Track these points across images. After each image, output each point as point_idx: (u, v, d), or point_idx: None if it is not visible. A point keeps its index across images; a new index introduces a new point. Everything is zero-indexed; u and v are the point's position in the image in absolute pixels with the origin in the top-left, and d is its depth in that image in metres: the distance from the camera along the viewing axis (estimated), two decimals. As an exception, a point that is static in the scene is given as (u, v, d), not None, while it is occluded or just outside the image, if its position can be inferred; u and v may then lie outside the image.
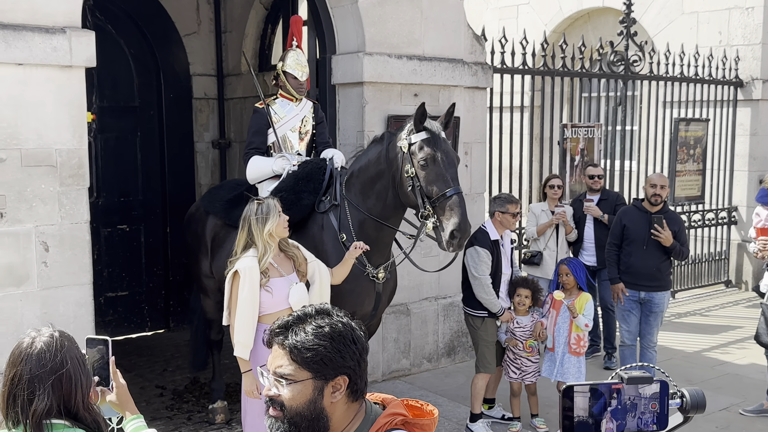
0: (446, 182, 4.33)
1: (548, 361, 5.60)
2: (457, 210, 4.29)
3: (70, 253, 4.87)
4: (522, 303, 5.50)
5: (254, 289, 3.89)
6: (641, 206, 6.04)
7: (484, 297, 5.38)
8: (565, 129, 8.43)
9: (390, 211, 4.64)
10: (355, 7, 6.15)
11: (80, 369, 2.16)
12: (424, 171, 4.36)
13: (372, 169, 4.65)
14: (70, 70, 4.76)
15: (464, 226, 4.31)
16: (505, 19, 12.96)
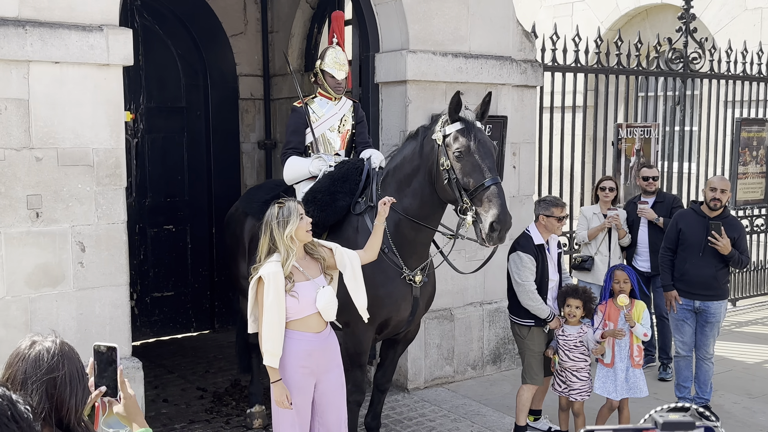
0: (483, 173, 4.14)
1: (603, 378, 5.22)
2: (496, 201, 4.09)
3: (107, 253, 4.82)
4: (573, 314, 5.15)
5: (279, 295, 3.76)
6: (699, 210, 5.74)
7: (530, 304, 5.13)
8: (620, 129, 8.11)
9: (427, 209, 4.46)
10: (398, 4, 6.00)
11: (77, 379, 2.05)
12: (459, 162, 4.19)
13: (407, 167, 4.49)
14: (107, 69, 4.72)
15: (504, 218, 4.09)
16: (560, 17, 12.66)
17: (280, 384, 3.84)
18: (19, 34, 4.38)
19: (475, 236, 4.32)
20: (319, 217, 4.51)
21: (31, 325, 4.61)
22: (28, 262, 4.56)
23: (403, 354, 6.22)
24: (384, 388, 4.97)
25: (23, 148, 4.49)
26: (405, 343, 4.98)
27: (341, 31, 5.25)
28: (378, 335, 4.66)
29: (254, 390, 5.75)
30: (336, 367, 4.05)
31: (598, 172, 8.06)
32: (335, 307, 3.96)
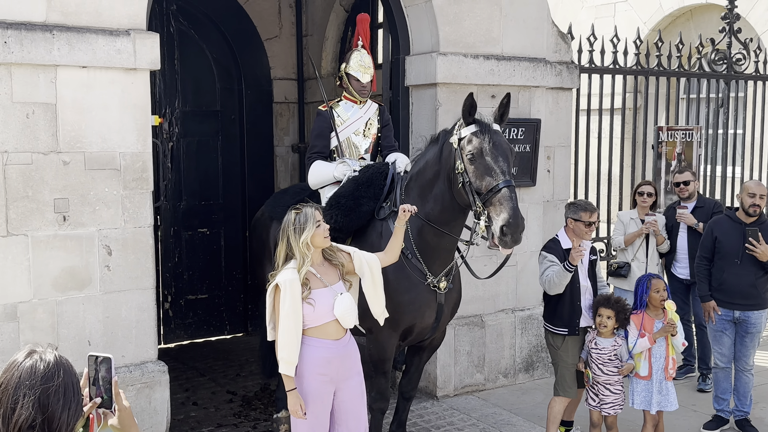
0: (495, 175, 4.02)
1: (642, 391, 5.02)
2: (507, 203, 3.97)
3: (134, 257, 4.84)
4: (604, 324, 4.95)
5: (296, 302, 3.71)
6: (735, 217, 5.54)
7: (555, 280, 4.90)
8: (660, 132, 7.91)
9: (448, 215, 4.36)
10: (429, 5, 5.92)
11: (71, 393, 2.01)
12: (472, 165, 4.09)
13: (429, 172, 4.40)
14: (134, 73, 4.74)
15: (515, 221, 3.95)
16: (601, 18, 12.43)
17: (295, 393, 3.78)
18: (47, 38, 4.42)
19: (490, 241, 4.21)
20: (343, 222, 4.45)
21: (58, 329, 4.64)
22: (55, 265, 4.60)
23: (433, 361, 6.15)
24: (409, 396, 4.89)
25: (51, 152, 4.53)
26: (431, 349, 4.90)
27: (366, 34, 5.19)
28: (402, 342, 4.58)
29: (281, 395, 5.69)
30: (356, 374, 3.99)
31: (638, 177, 7.87)
32: (354, 314, 3.89)
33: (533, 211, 6.57)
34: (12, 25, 4.34)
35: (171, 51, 7.90)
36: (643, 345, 4.96)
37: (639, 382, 5.04)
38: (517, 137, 6.32)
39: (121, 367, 4.84)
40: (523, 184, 6.44)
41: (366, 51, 5.11)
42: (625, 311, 5.00)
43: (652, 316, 5.03)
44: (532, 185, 6.50)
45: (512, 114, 6.26)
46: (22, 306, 4.52)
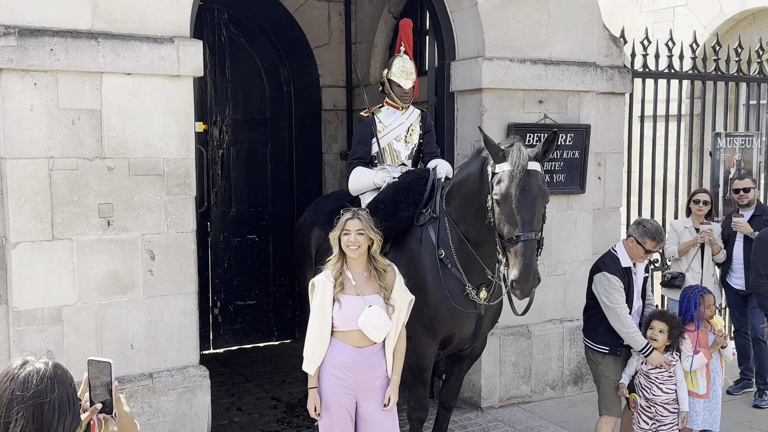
0: (516, 226, 3.86)
1: (704, 410, 4.78)
2: (520, 260, 3.81)
3: (176, 262, 4.88)
4: (654, 337, 4.70)
5: (325, 302, 3.69)
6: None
7: (623, 330, 4.68)
8: (718, 138, 7.64)
9: (487, 233, 4.18)
10: (474, 10, 5.84)
11: (67, 405, 1.98)
12: (498, 207, 3.95)
13: (470, 186, 4.25)
14: (178, 80, 4.78)
15: (524, 278, 3.82)
16: (660, 23, 12.14)
17: (314, 392, 3.79)
18: (92, 46, 4.49)
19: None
20: (383, 227, 4.39)
21: (101, 332, 4.70)
22: (99, 269, 4.66)
23: (477, 371, 6.04)
24: (449, 406, 4.80)
25: (95, 157, 4.60)
26: (471, 359, 4.80)
27: (409, 40, 5.14)
28: (441, 351, 4.49)
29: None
30: (379, 387, 3.92)
31: (695, 184, 7.62)
32: (383, 330, 3.82)
33: (582, 219, 6.41)
34: (58, 32, 4.43)
35: (222, 59, 8.00)
36: (700, 361, 4.75)
37: (699, 401, 4.80)
38: (565, 143, 6.18)
39: (163, 372, 4.88)
40: (572, 191, 6.30)
41: (408, 57, 5.06)
42: (680, 329, 4.74)
43: (705, 330, 4.82)
44: (581, 192, 6.34)
45: (560, 119, 6.18)
46: (66, 309, 4.59)
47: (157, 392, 4.82)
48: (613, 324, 4.74)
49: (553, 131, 4.07)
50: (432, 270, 4.35)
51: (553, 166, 6.18)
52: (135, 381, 4.79)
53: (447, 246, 4.32)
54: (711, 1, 12.13)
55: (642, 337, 4.71)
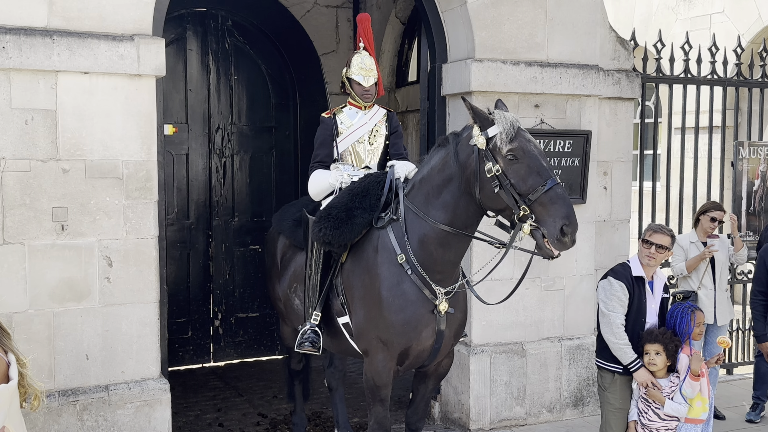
0: (543, 174, 3.72)
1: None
2: (562, 202, 3.68)
3: (135, 269, 4.68)
4: (653, 362, 4.33)
5: None
6: None
7: (613, 340, 4.39)
8: (740, 148, 7.16)
9: (460, 222, 3.96)
10: (464, 9, 5.55)
11: None
12: (513, 165, 3.74)
13: (436, 177, 4.00)
14: (138, 80, 4.61)
15: (574, 219, 3.69)
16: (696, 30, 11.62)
17: None
18: (47, 44, 4.35)
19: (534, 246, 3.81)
20: (333, 235, 4.12)
21: (54, 341, 4.53)
22: (52, 275, 4.50)
23: (466, 390, 5.71)
24: (416, 427, 4.47)
25: (50, 159, 4.45)
26: (437, 377, 4.47)
27: (368, 35, 4.88)
28: (400, 366, 4.17)
29: (297, 420, 5.42)
30: None
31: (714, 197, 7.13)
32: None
33: (583, 231, 5.95)
34: (11, 30, 4.30)
35: (226, 66, 7.86)
36: (695, 387, 4.34)
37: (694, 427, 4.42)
38: (563, 150, 5.82)
39: (120, 384, 4.68)
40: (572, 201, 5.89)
41: (368, 53, 4.79)
42: (675, 342, 4.37)
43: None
44: (582, 202, 5.95)
45: (559, 125, 5.83)
46: (17, 316, 4.43)
47: (113, 405, 4.62)
48: (603, 333, 4.47)
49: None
50: (388, 278, 4.05)
51: (551, 174, 5.81)
52: (90, 393, 4.60)
53: (407, 249, 4.02)
54: (749, 7, 11.59)
55: (632, 352, 4.39)
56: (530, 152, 3.76)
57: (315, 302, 4.36)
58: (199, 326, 7.88)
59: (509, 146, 3.76)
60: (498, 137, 3.78)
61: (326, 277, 4.33)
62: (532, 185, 3.69)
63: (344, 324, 4.34)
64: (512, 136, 3.76)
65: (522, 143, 3.77)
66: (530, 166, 3.72)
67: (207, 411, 6.44)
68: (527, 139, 3.82)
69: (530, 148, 3.78)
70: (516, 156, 3.74)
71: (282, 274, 4.91)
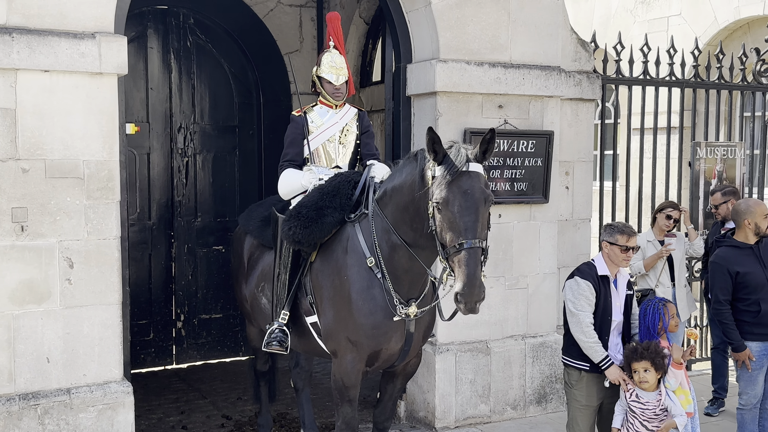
0: (458, 232, 3.56)
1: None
2: (464, 269, 3.49)
3: (97, 270, 4.61)
4: (644, 380, 4.24)
5: None
6: (741, 243, 5.00)
7: (583, 339, 4.40)
8: (698, 148, 7.31)
9: (424, 242, 3.86)
10: (428, 10, 5.58)
11: None
12: (439, 214, 3.63)
13: (407, 193, 3.90)
14: (100, 78, 4.55)
15: (470, 290, 3.49)
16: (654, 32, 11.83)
17: None
18: (6, 41, 4.27)
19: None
20: (302, 234, 4.11)
21: (15, 344, 4.44)
22: (12, 277, 4.41)
23: (432, 389, 5.74)
24: (383, 427, 4.49)
25: (9, 158, 4.36)
26: (405, 376, 4.48)
27: (338, 34, 4.87)
28: (369, 368, 4.18)
29: (263, 422, 5.40)
30: None
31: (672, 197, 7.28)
32: None
33: (546, 230, 6.09)
34: (-32, 27, 4.21)
35: (188, 65, 7.78)
36: (678, 376, 4.40)
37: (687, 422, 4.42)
38: (527, 150, 5.88)
39: (82, 387, 4.61)
40: (535, 200, 5.99)
41: (338, 51, 4.78)
42: (661, 355, 4.29)
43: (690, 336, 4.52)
44: (545, 202, 6.02)
45: (522, 125, 5.90)
46: (-25, 319, 4.34)
47: (75, 409, 4.54)
48: (573, 332, 4.48)
49: (491, 129, 3.76)
50: (358, 281, 4.05)
51: (514, 174, 5.88)
52: (51, 396, 4.52)
53: (376, 254, 4.02)
54: (705, 10, 11.84)
55: (602, 350, 4.41)
56: (456, 205, 3.58)
57: (283, 301, 4.34)
58: (161, 328, 7.79)
59: (436, 193, 3.64)
60: (437, 180, 3.67)
61: (295, 276, 4.31)
62: (450, 240, 3.58)
63: (312, 323, 4.33)
64: (448, 182, 3.60)
65: (453, 194, 3.59)
66: (451, 220, 3.59)
67: (170, 413, 6.37)
68: (463, 190, 3.60)
69: (457, 202, 3.58)
70: (441, 207, 3.62)
71: (249, 274, 4.88)
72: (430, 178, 3.72)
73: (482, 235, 3.60)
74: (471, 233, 3.55)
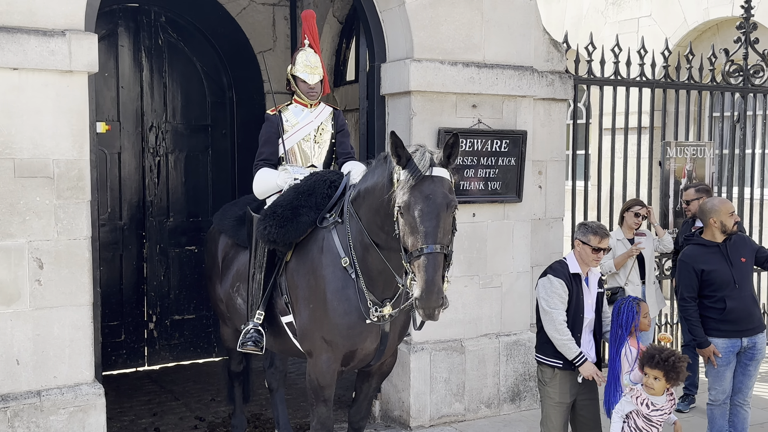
0: (419, 237, 3.51)
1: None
2: (422, 275, 3.46)
3: (67, 271, 4.55)
4: (650, 387, 4.15)
5: None
6: (708, 242, 5.07)
7: (556, 336, 4.44)
8: (668, 148, 7.40)
9: (396, 244, 3.79)
10: (402, 9, 5.58)
11: None
12: (402, 218, 3.60)
13: (378, 195, 3.86)
14: (70, 76, 4.49)
15: (426, 297, 3.45)
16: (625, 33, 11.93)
17: None
18: (-28, 39, 4.20)
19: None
20: (278, 233, 4.09)
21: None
22: (-20, 278, 4.34)
23: (407, 388, 5.74)
24: (358, 426, 4.48)
25: (-23, 158, 4.29)
26: (381, 376, 4.48)
27: (313, 32, 4.86)
28: (344, 367, 4.17)
29: (237, 423, 5.37)
30: None
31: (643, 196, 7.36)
32: None
33: (519, 229, 6.13)
34: (-65, 24, 4.13)
35: (159, 63, 7.71)
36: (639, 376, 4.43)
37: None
38: (500, 149, 5.91)
39: (53, 389, 4.54)
40: (508, 199, 6.02)
41: (313, 50, 4.77)
42: (677, 371, 4.12)
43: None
44: (518, 201, 6.06)
45: (496, 125, 5.93)
46: (-58, 321, 4.26)
47: (45, 411, 4.48)
48: (547, 330, 4.51)
49: (454, 134, 3.72)
50: (333, 281, 4.03)
51: (488, 173, 5.90)
52: (21, 399, 4.45)
53: (351, 255, 4.01)
54: (675, 11, 11.97)
55: (576, 347, 4.45)
56: (417, 210, 3.54)
57: (259, 301, 4.32)
58: (132, 329, 7.71)
59: (402, 198, 3.59)
60: (400, 184, 3.64)
61: (270, 275, 4.28)
62: (412, 245, 3.55)
63: (288, 323, 4.31)
64: (411, 186, 3.57)
65: (415, 198, 3.55)
66: (412, 225, 3.54)
67: (142, 416, 6.30)
68: (425, 195, 3.55)
69: (418, 206, 3.54)
70: (403, 211, 3.58)
71: (224, 274, 4.85)
72: (396, 182, 3.70)
73: (444, 241, 3.55)
74: (431, 239, 3.51)
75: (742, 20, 7.79)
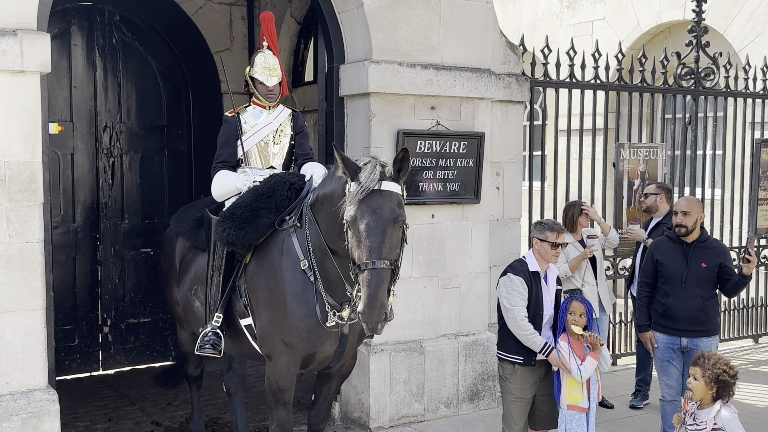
0: (364, 252, 3.52)
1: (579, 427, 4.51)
2: (365, 290, 3.46)
3: (19, 275, 4.45)
4: (688, 387, 4.02)
5: None
6: (675, 237, 5.16)
7: (520, 333, 4.49)
8: (621, 149, 7.53)
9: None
10: (361, 11, 5.58)
11: None
12: (350, 230, 3.61)
13: (336, 202, 3.83)
14: (22, 76, 4.39)
15: (367, 312, 3.46)
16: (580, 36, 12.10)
17: None
18: None
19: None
20: (237, 235, 4.06)
21: (-69, 352, 4.25)
22: (-72, 282, 4.22)
23: (366, 389, 5.74)
24: (318, 429, 4.47)
25: (-76, 160, 4.17)
26: (340, 378, 4.48)
27: (272, 34, 4.84)
28: (303, 370, 4.16)
29: (194, 427, 5.32)
30: None
31: (597, 197, 7.49)
32: None
33: (478, 230, 6.18)
34: None
35: (113, 63, 7.58)
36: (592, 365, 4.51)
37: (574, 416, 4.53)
38: (458, 151, 5.95)
39: (5, 395, 4.44)
40: (467, 201, 6.07)
41: (272, 52, 4.75)
42: (715, 373, 3.91)
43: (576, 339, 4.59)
44: (477, 202, 6.11)
45: (454, 127, 5.97)
46: None
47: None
48: (510, 327, 4.57)
49: (403, 149, 3.70)
50: (293, 284, 4.02)
51: (447, 174, 5.94)
52: (-29, 406, 4.34)
53: (310, 259, 3.99)
54: (628, 15, 12.19)
55: (540, 339, 4.52)
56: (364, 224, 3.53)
57: (217, 304, 4.28)
58: (86, 333, 7.57)
59: (349, 211, 3.59)
60: (348, 196, 3.64)
61: (229, 278, 4.25)
62: (358, 258, 3.55)
63: (247, 326, 4.29)
64: (359, 199, 3.56)
65: (362, 212, 3.54)
66: (358, 239, 3.55)
67: (97, 421, 6.20)
68: (372, 209, 3.54)
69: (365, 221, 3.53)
70: (350, 225, 3.59)
71: (181, 276, 4.80)
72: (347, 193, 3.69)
73: (390, 256, 3.54)
74: (375, 254, 3.49)
75: (694, 24, 7.96)
